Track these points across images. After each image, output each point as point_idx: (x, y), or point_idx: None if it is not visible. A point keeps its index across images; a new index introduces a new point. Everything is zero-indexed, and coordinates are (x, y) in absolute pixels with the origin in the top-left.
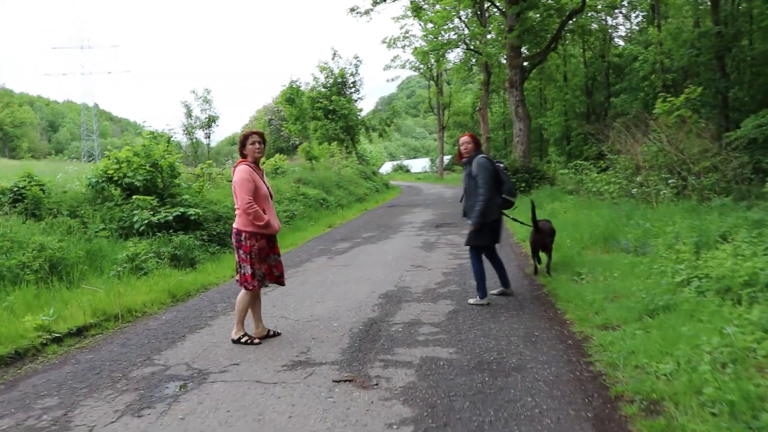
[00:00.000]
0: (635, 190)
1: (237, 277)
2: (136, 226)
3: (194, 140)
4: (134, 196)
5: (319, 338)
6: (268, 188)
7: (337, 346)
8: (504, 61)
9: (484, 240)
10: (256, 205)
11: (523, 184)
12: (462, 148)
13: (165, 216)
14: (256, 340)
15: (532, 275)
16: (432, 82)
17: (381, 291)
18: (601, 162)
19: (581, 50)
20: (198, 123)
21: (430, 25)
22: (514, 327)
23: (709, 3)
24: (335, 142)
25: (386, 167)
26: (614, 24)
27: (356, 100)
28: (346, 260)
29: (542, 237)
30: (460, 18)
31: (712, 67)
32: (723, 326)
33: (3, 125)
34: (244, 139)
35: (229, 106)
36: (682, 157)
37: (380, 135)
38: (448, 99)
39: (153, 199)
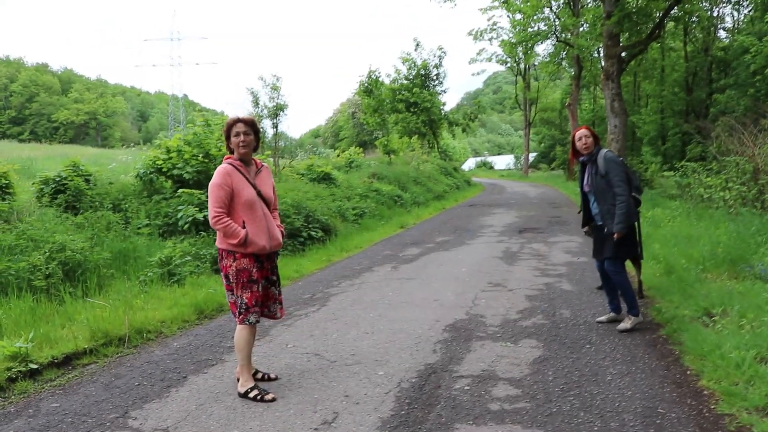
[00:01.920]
0: None
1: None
2: (180, 223)
3: (261, 130)
4: (180, 190)
5: (354, 396)
6: (259, 192)
7: (376, 414)
8: (596, 54)
9: (632, 248)
10: (227, 219)
11: None
12: (581, 143)
13: None
14: (269, 396)
15: (642, 307)
16: (519, 77)
17: (448, 320)
18: (713, 164)
19: (682, 43)
20: (266, 112)
21: (518, 16)
22: (626, 395)
23: None
24: (416, 136)
25: (469, 163)
26: (720, 14)
27: (439, 94)
28: (412, 272)
29: None
30: (551, 8)
31: None
32: None
33: (96, 115)
34: (228, 129)
35: (315, 98)
36: None
37: (464, 130)
38: (536, 94)
39: (203, 193)
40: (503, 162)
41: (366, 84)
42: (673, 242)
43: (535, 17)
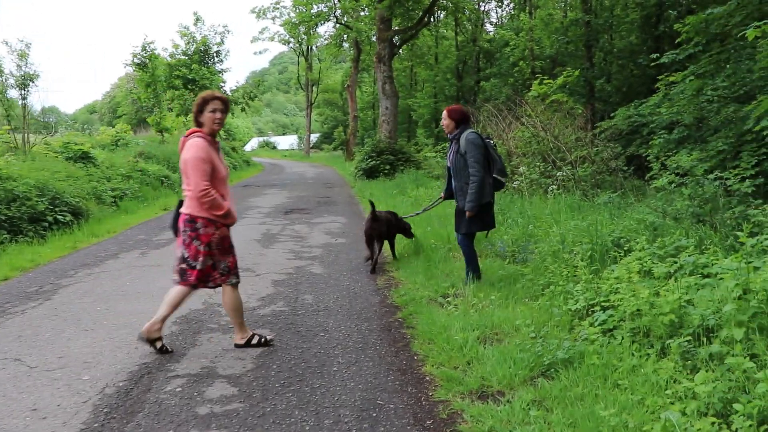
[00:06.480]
0: (524, 181)
1: (176, 276)
2: None
3: (6, 100)
4: None
5: (44, 409)
6: (225, 168)
7: (64, 429)
8: (374, 39)
9: (477, 225)
10: (214, 192)
11: (387, 167)
12: (442, 124)
13: None
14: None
15: (385, 290)
16: (302, 58)
17: (181, 311)
18: None
19: (453, 33)
20: (12, 82)
21: None
22: (348, 387)
23: None
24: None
25: (253, 143)
26: (486, 10)
27: (220, 72)
28: (161, 257)
29: (378, 226)
30: None
31: (580, 57)
32: (658, 406)
33: None
34: (203, 103)
35: (91, 72)
36: (557, 144)
37: (242, 109)
38: (318, 75)
39: None
40: (287, 142)
41: (140, 56)
42: (429, 222)
43: None
